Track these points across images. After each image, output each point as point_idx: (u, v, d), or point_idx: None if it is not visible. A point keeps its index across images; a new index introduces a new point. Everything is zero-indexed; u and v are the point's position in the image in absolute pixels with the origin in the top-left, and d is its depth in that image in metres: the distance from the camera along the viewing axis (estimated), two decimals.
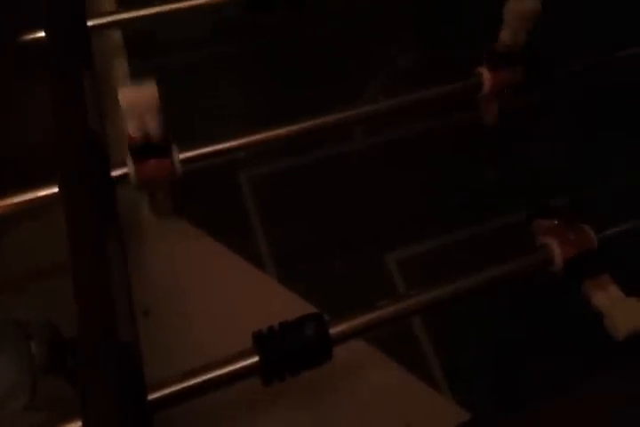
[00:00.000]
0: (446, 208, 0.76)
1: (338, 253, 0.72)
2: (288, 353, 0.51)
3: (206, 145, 0.66)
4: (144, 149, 0.60)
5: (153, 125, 0.58)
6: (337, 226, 0.74)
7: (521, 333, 0.65)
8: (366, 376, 0.62)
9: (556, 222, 0.60)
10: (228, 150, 0.66)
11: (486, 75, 0.71)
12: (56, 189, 0.60)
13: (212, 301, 0.66)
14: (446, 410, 0.61)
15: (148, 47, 0.89)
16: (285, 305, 0.67)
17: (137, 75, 0.84)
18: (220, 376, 0.50)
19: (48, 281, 0.67)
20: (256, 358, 0.50)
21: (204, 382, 0.50)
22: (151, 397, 0.48)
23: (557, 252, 0.57)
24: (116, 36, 0.87)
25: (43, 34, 0.76)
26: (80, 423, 0.45)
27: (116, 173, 0.63)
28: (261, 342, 0.51)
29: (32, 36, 0.77)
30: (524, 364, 0.63)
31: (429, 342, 0.65)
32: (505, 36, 0.68)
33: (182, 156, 0.63)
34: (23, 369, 0.78)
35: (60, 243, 0.64)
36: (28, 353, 0.73)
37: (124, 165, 0.62)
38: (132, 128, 0.57)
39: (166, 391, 0.48)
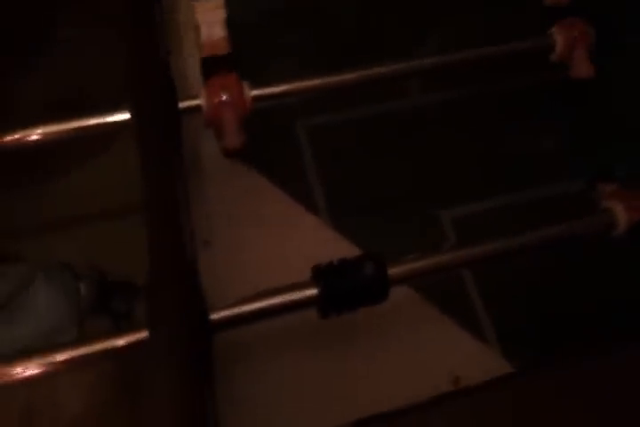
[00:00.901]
0: (505, 170, 0.75)
1: (391, 205, 0.72)
2: (346, 288, 0.51)
3: (275, 84, 0.65)
4: (215, 63, 0.61)
5: (223, 35, 0.58)
6: (391, 181, 0.74)
7: (572, 294, 0.65)
8: (417, 327, 0.63)
9: (620, 187, 0.60)
10: (295, 92, 0.66)
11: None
12: (124, 117, 0.61)
13: (265, 238, 0.67)
14: (494, 364, 0.61)
15: None
16: (337, 249, 0.67)
17: None
18: (278, 304, 0.51)
19: (94, 226, 0.68)
20: (315, 291, 0.51)
21: (263, 308, 0.51)
22: (213, 316, 0.49)
23: (622, 215, 0.57)
24: None
25: None
26: (146, 333, 0.46)
27: (182, 104, 0.63)
28: (320, 275, 0.52)
29: None
30: (572, 323, 0.63)
31: (481, 298, 0.65)
32: None
33: (253, 93, 0.63)
34: (72, 308, 0.81)
35: (105, 191, 0.66)
36: (76, 293, 0.76)
37: (189, 98, 0.63)
38: (205, 37, 0.58)
39: (227, 313, 0.49)
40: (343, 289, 0.51)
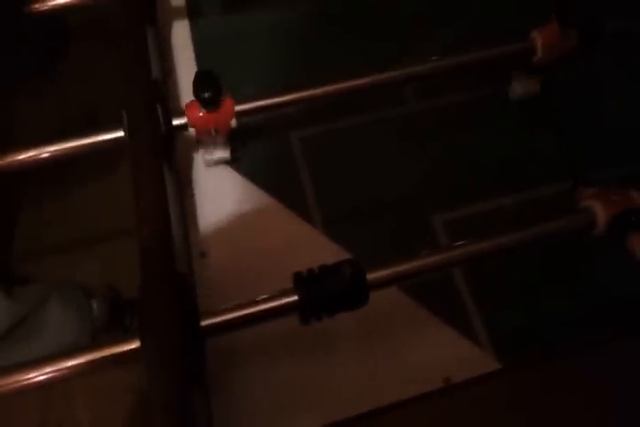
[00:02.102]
0: (495, 174, 0.77)
1: (384, 211, 0.74)
2: (324, 294, 0.53)
3: (259, 99, 0.68)
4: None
5: None
6: (385, 186, 0.76)
7: (563, 290, 0.66)
8: (408, 329, 0.64)
9: (599, 189, 0.60)
10: (279, 105, 0.69)
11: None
12: (120, 134, 0.63)
13: (261, 248, 0.69)
14: (486, 365, 0.62)
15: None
16: (330, 256, 0.68)
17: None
18: (262, 311, 0.53)
19: (109, 244, 0.71)
20: (295, 297, 0.53)
21: (249, 314, 0.52)
22: (204, 323, 0.51)
23: (600, 211, 0.58)
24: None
25: None
26: (138, 343, 0.48)
27: (176, 121, 0.66)
28: (300, 282, 0.53)
29: None
30: (565, 320, 0.64)
31: (472, 297, 0.66)
32: None
33: (236, 108, 0.66)
34: (84, 327, 0.84)
35: (122, 206, 0.68)
36: (89, 311, 0.78)
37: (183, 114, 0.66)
38: None
39: (217, 320, 0.52)
40: (322, 295, 0.52)
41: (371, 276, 0.53)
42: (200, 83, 0.63)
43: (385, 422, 0.51)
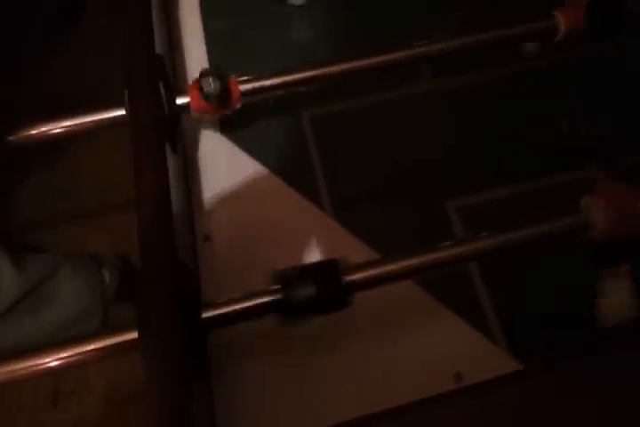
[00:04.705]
0: (511, 159, 0.73)
1: (396, 196, 0.71)
2: (302, 296, 0.50)
3: (267, 77, 0.65)
4: None
5: None
6: (397, 170, 0.73)
7: (580, 286, 0.63)
8: (420, 322, 0.61)
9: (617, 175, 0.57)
10: (290, 84, 0.65)
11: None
12: (122, 112, 0.61)
13: (269, 232, 0.66)
14: (499, 361, 0.59)
15: None
16: (338, 241, 0.66)
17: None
18: (264, 304, 0.51)
19: (120, 215, 0.69)
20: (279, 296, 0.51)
21: (252, 306, 0.50)
22: (205, 315, 0.49)
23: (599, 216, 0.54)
24: None
25: None
26: (136, 334, 0.47)
27: (180, 101, 0.63)
28: (283, 282, 0.51)
29: None
30: (582, 318, 0.61)
31: (486, 292, 0.63)
32: None
33: (247, 86, 0.63)
34: (95, 296, 0.83)
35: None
36: (100, 282, 0.77)
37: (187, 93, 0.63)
38: None
39: (219, 311, 0.50)
40: (299, 297, 0.50)
41: (352, 277, 0.51)
42: (203, 86, 0.61)
43: (396, 423, 0.49)
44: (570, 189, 0.67)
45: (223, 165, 0.71)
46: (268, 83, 0.65)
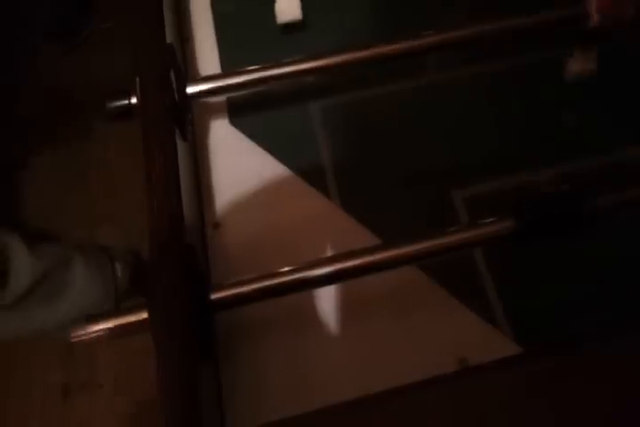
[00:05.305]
0: (519, 149, 0.73)
1: (404, 186, 0.71)
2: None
3: (274, 67, 0.66)
4: None
5: None
6: (405, 159, 0.73)
7: (586, 272, 0.63)
8: (423, 308, 0.62)
9: None
10: (295, 74, 0.66)
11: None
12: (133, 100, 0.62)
13: (277, 220, 0.67)
14: (503, 346, 0.60)
15: None
16: (346, 231, 0.67)
17: None
18: (276, 285, 0.52)
19: (132, 209, 0.70)
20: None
21: (263, 288, 0.51)
22: (214, 296, 0.50)
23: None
24: None
25: None
26: (146, 315, 0.48)
27: (191, 89, 0.64)
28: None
29: None
30: (586, 305, 0.62)
31: (491, 278, 0.64)
32: None
33: (253, 76, 0.64)
34: (108, 288, 0.84)
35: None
36: (112, 274, 0.79)
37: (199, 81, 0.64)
38: None
39: (228, 293, 0.51)
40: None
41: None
42: None
43: (398, 404, 0.50)
44: (576, 178, 0.68)
45: (232, 154, 0.72)
46: (274, 72, 0.66)
